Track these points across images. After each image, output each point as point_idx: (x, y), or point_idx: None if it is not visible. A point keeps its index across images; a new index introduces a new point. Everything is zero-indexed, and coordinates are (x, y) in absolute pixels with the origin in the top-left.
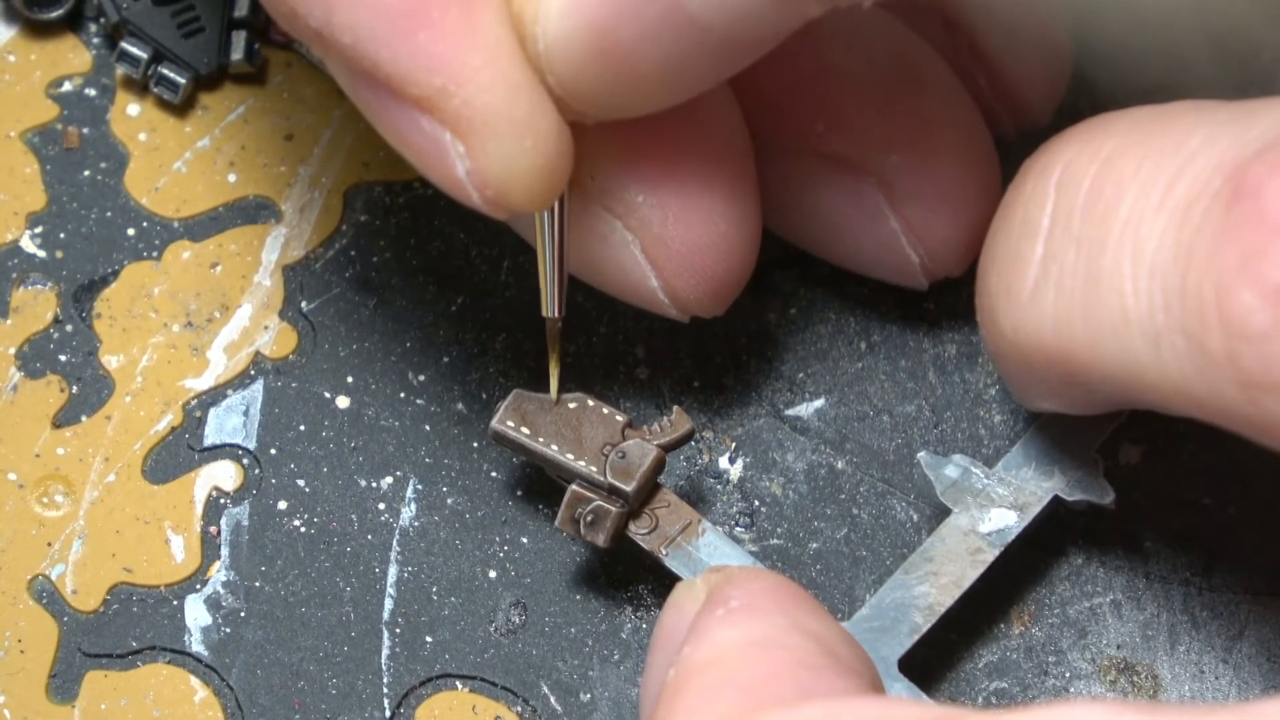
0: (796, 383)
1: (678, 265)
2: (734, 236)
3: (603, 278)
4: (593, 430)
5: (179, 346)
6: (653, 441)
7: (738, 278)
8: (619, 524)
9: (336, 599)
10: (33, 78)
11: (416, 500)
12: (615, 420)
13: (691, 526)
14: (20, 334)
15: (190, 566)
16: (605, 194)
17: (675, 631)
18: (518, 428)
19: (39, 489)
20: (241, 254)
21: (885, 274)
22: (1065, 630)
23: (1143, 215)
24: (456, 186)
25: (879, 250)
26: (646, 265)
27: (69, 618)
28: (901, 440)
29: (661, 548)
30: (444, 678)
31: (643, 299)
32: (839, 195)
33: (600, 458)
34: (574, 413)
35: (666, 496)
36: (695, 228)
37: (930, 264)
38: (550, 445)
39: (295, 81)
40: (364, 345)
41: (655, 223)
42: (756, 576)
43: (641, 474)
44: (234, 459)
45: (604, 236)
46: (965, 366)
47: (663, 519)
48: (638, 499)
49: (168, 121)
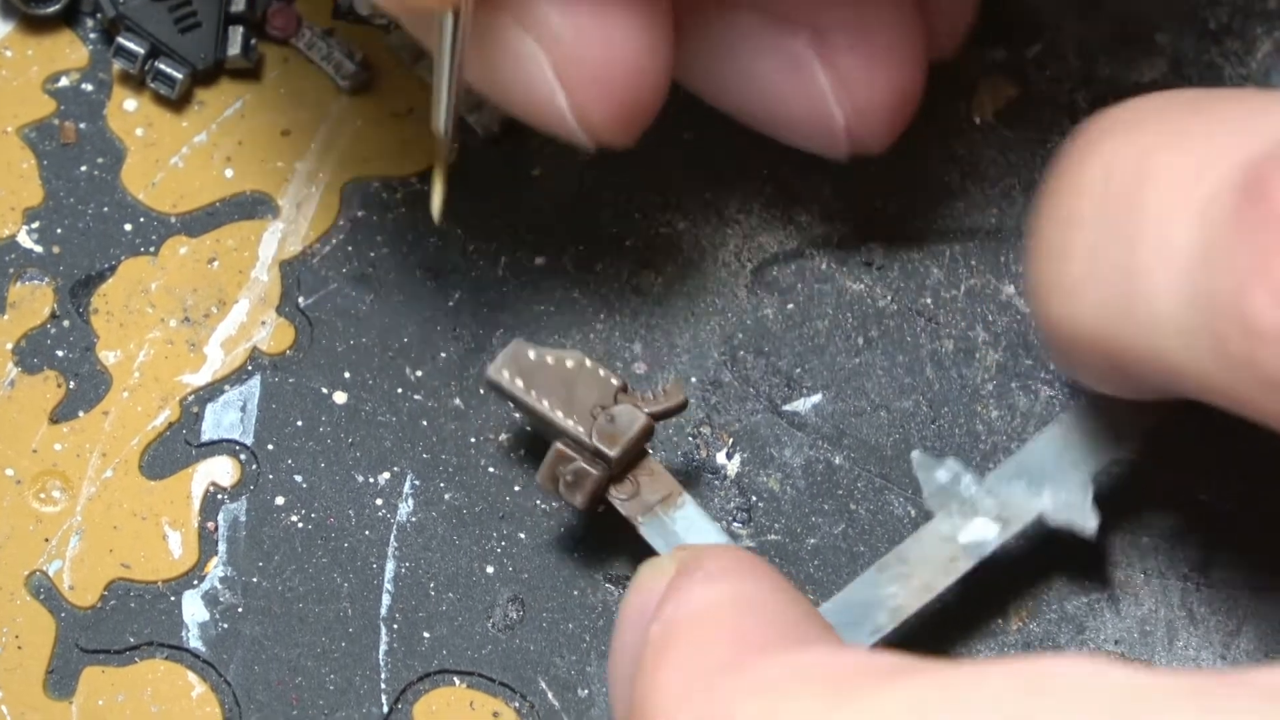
0: (794, 378)
1: (588, 86)
2: (646, 60)
3: (509, 96)
4: (586, 390)
5: (176, 342)
6: (644, 409)
7: (648, 104)
8: (598, 487)
9: (334, 594)
10: (29, 73)
11: (414, 496)
12: (610, 384)
13: (671, 497)
14: (17, 329)
15: (188, 562)
16: (517, 5)
17: (646, 606)
18: (512, 379)
19: (36, 485)
20: (238, 249)
21: (808, 139)
22: (1063, 626)
23: (1173, 211)
24: None
25: (805, 111)
26: (556, 84)
27: (66, 613)
28: (899, 436)
29: (638, 515)
30: (441, 673)
31: (549, 120)
32: (768, 51)
33: (589, 419)
34: (570, 371)
35: (651, 465)
36: (608, 48)
37: (855, 127)
38: (541, 400)
39: (292, 77)
40: (361, 341)
41: (567, 40)
42: (728, 550)
43: (627, 440)
44: (231, 455)
45: (513, 52)
46: (963, 362)
47: (644, 486)
48: (620, 464)
49: (164, 117)
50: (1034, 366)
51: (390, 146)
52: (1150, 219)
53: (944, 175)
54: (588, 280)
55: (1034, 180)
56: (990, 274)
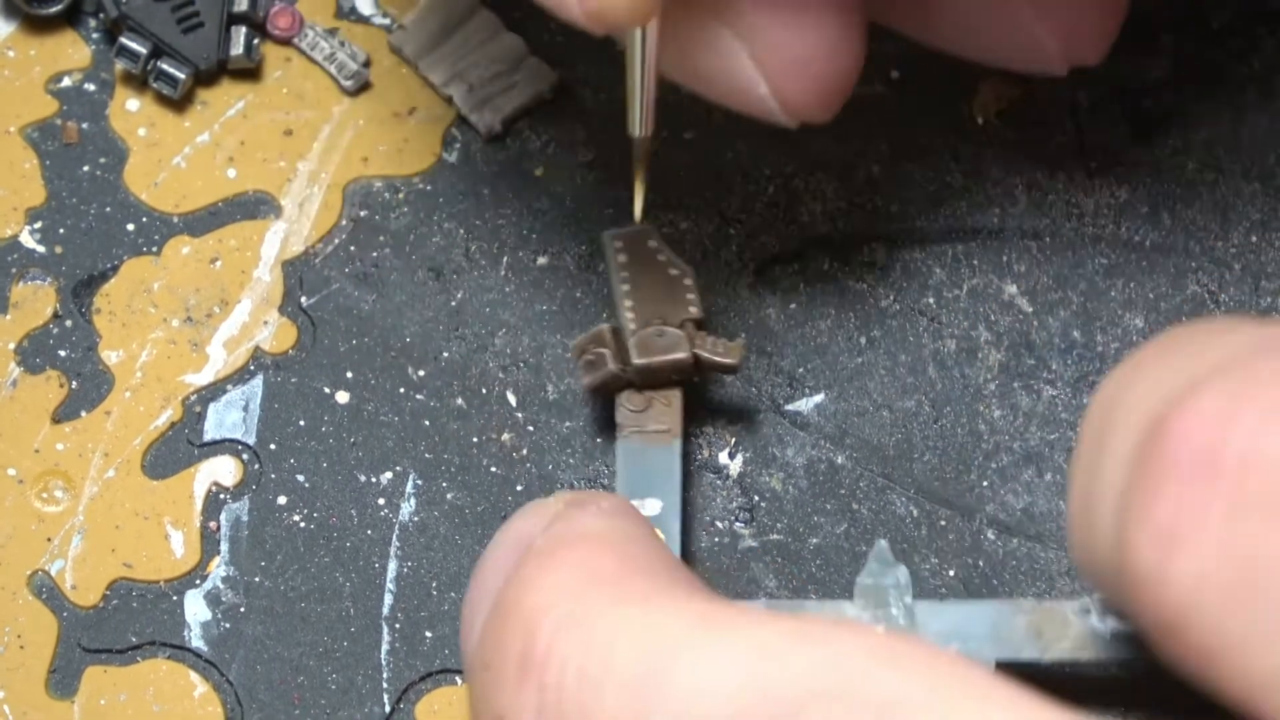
0: (796, 378)
1: (787, 71)
2: (842, 38)
3: (710, 86)
4: (665, 300)
5: (178, 342)
6: (694, 346)
7: (846, 81)
8: (605, 381)
9: (336, 594)
10: (32, 73)
11: (416, 495)
12: (688, 309)
13: (665, 435)
14: (20, 329)
15: (190, 562)
16: (712, 2)
17: (527, 532)
18: (618, 250)
19: (38, 484)
20: (241, 249)
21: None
22: None
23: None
24: (558, 1)
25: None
26: (756, 72)
27: (68, 613)
28: (901, 435)
29: (628, 428)
30: (444, 673)
31: (752, 106)
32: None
33: (645, 323)
34: (668, 278)
35: (673, 398)
36: (804, 32)
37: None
38: (622, 283)
39: (294, 77)
40: (363, 340)
41: (763, 28)
42: (622, 499)
43: (655, 359)
44: (234, 454)
45: (712, 45)
46: (965, 362)
47: (653, 410)
48: (642, 376)
49: (167, 117)
50: (1036, 366)
51: (393, 146)
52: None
53: (946, 175)
54: (591, 280)
55: (1036, 180)
56: (992, 274)
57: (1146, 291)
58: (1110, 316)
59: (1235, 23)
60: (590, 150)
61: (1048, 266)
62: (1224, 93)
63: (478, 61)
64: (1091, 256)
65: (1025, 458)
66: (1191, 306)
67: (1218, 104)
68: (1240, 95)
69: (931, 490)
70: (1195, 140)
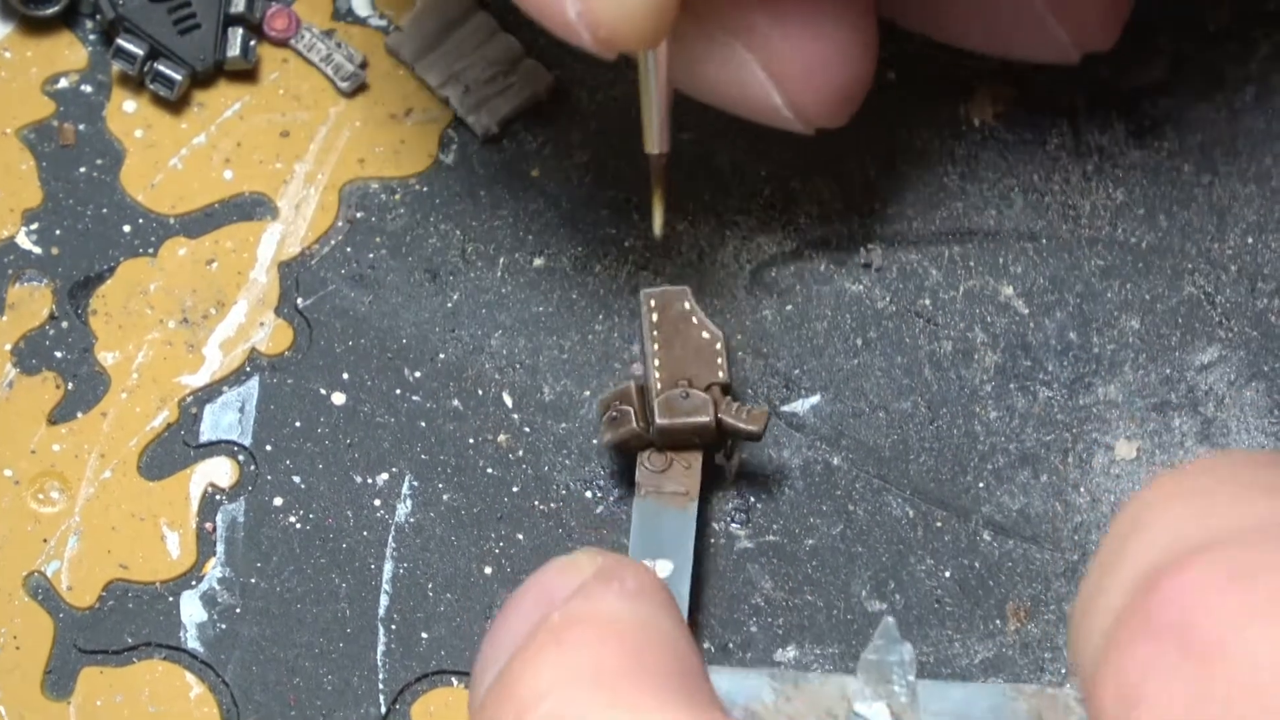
0: (792, 379)
1: (801, 79)
2: (854, 44)
3: (724, 98)
4: (695, 363)
5: (175, 343)
6: (718, 411)
7: (860, 85)
8: (626, 439)
9: (332, 595)
10: (29, 74)
11: (412, 497)
12: (716, 374)
13: (682, 497)
14: (16, 330)
15: (186, 563)
16: (722, 16)
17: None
18: (653, 309)
19: (34, 485)
20: (237, 250)
21: (1036, 52)
22: (1061, 627)
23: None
24: (568, 29)
25: (1026, 26)
26: (768, 82)
27: (64, 614)
28: (897, 437)
29: (645, 488)
30: (439, 674)
31: (766, 115)
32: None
33: (673, 384)
34: (699, 340)
35: (694, 461)
36: (815, 40)
37: (1079, 36)
38: (654, 342)
39: (291, 78)
40: (359, 342)
41: (774, 39)
42: (651, 574)
43: (675, 422)
44: (230, 455)
45: (723, 58)
46: (961, 363)
47: (673, 471)
48: (664, 438)
49: (163, 118)
50: (1032, 367)
51: (389, 147)
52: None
53: (943, 177)
54: (586, 281)
55: (1032, 182)
56: (988, 275)
57: (1143, 293)
58: (1106, 318)
59: (1232, 25)
60: (586, 152)
61: (1044, 268)
62: (1221, 95)
63: (474, 63)
64: (1088, 258)
65: (1021, 459)
66: (1188, 308)
67: (1214, 106)
68: (1237, 97)
69: (927, 491)
70: (1192, 142)
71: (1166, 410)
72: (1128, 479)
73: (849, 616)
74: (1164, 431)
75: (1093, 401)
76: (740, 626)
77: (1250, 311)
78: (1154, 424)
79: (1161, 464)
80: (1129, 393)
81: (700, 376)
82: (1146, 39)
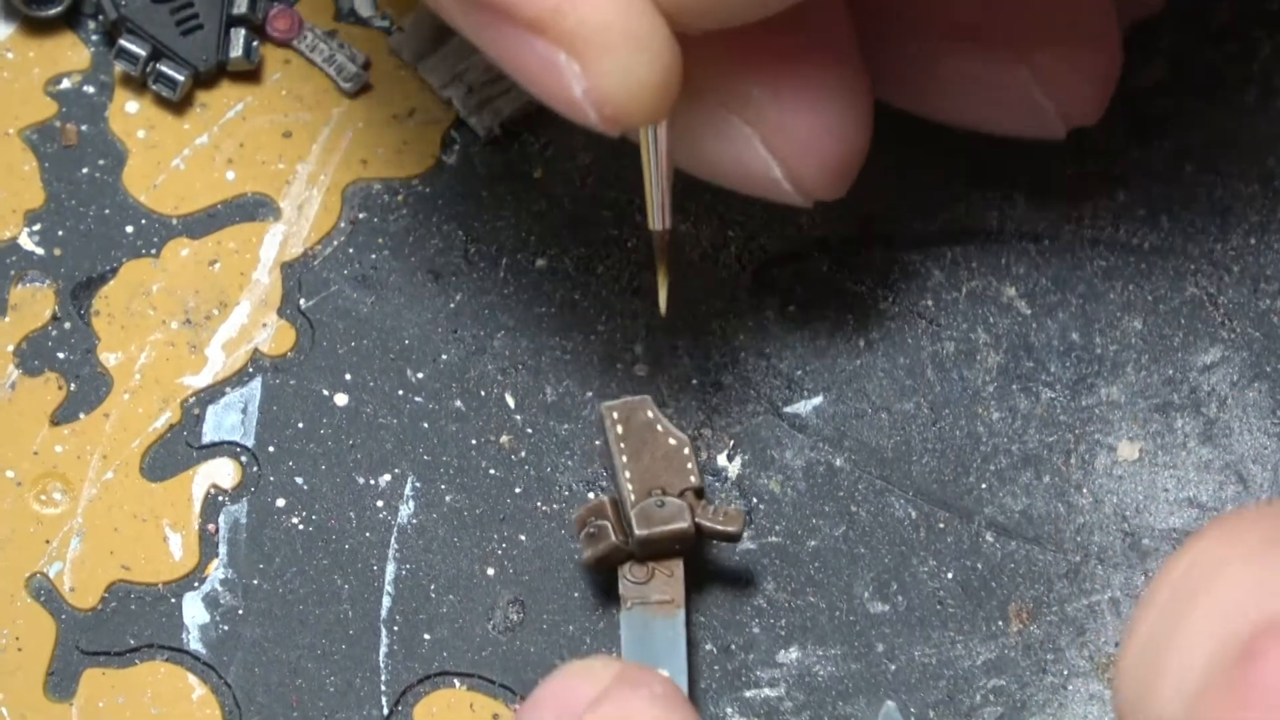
0: (795, 380)
1: (799, 153)
2: (851, 117)
3: (724, 173)
4: (666, 470)
5: (177, 344)
6: (696, 515)
7: (857, 157)
8: (608, 554)
9: (334, 597)
10: (31, 75)
11: (415, 498)
12: (689, 479)
13: (669, 606)
14: (18, 331)
15: (188, 564)
16: (720, 93)
17: (569, 699)
18: (615, 423)
19: (37, 486)
20: (240, 251)
21: (1024, 129)
22: (1064, 628)
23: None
24: (573, 107)
25: (1015, 106)
26: (768, 156)
27: (67, 615)
28: (900, 438)
29: (631, 601)
30: (442, 675)
31: (765, 189)
32: (968, 59)
33: (646, 494)
34: (667, 447)
35: (675, 569)
36: (812, 114)
37: (1067, 112)
38: (622, 454)
39: (293, 79)
40: (362, 343)
41: (772, 114)
42: (671, 682)
43: (658, 531)
44: (232, 457)
45: (722, 133)
46: (963, 364)
47: (655, 581)
48: (644, 548)
49: (166, 119)
50: (1035, 368)
51: (392, 148)
52: (1190, 629)
53: (945, 177)
54: (589, 282)
55: (1035, 182)
56: (991, 276)
57: (1145, 294)
58: (1109, 319)
59: (1234, 25)
60: (589, 153)
61: (1046, 269)
62: (1223, 95)
63: (477, 64)
64: (1090, 259)
65: (1024, 460)
66: (1190, 309)
67: (1216, 106)
68: (1239, 97)
69: (930, 492)
70: (1194, 142)
71: (1169, 411)
72: (1130, 480)
73: (851, 618)
74: (1167, 432)
75: (1095, 402)
76: (742, 628)
77: (1253, 312)
78: (1157, 425)
79: (1164, 465)
80: (1131, 394)
81: (673, 484)
82: (1148, 39)
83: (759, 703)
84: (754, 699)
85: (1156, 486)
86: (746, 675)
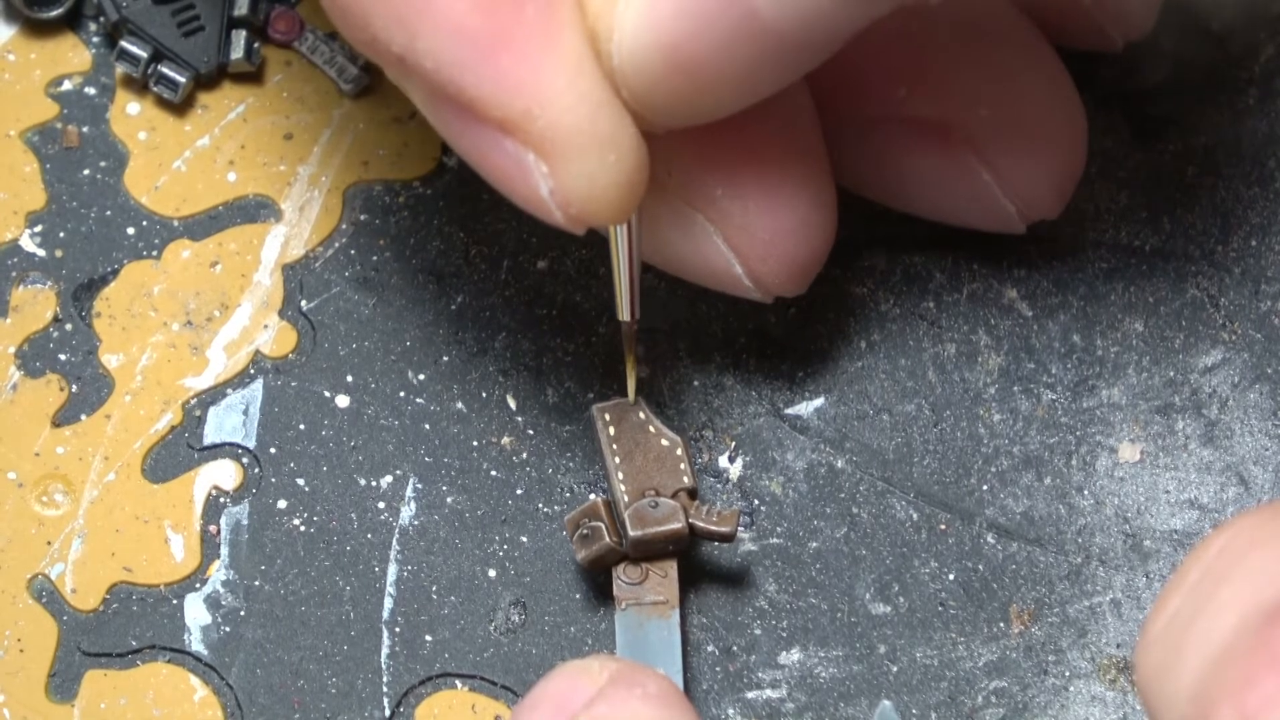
0: (796, 382)
1: (761, 251)
2: (813, 218)
3: (687, 268)
4: (659, 471)
5: (178, 345)
6: (689, 516)
7: (819, 257)
8: (603, 555)
9: (336, 598)
10: (32, 76)
11: (416, 499)
12: (682, 480)
13: (664, 607)
14: (20, 333)
15: (190, 565)
16: (684, 189)
17: (565, 699)
18: (607, 424)
19: (38, 488)
20: (241, 253)
21: (984, 224)
22: (1065, 629)
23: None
24: (539, 205)
25: (975, 203)
26: (730, 253)
27: (68, 617)
28: (901, 439)
29: (625, 601)
30: (444, 677)
31: (726, 285)
32: (929, 156)
33: (639, 495)
34: (660, 448)
35: (670, 569)
36: (775, 214)
37: (1027, 210)
38: (614, 455)
39: (294, 80)
40: (363, 344)
41: (736, 213)
42: (667, 680)
43: (650, 532)
44: (233, 458)
45: (686, 230)
46: (964, 366)
47: (650, 582)
48: (638, 549)
49: (167, 120)
50: (1036, 370)
51: (393, 150)
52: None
53: None
54: (590, 284)
55: None
56: (992, 278)
57: (1146, 295)
58: (1110, 320)
59: (1235, 27)
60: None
61: (1047, 270)
62: (1224, 97)
63: None
64: (1091, 260)
65: (1025, 461)
66: (1191, 311)
67: (1218, 108)
68: (1240, 99)
69: (931, 494)
70: (1195, 144)
71: (1170, 413)
72: (1131, 481)
73: (853, 619)
74: (1168, 434)
75: (1096, 404)
76: (744, 629)
77: (1254, 314)
78: (1158, 426)
79: (1165, 466)
80: (1132, 395)
81: (666, 484)
82: (1150, 41)
83: (761, 704)
84: (756, 700)
85: (1158, 488)
86: (748, 676)
